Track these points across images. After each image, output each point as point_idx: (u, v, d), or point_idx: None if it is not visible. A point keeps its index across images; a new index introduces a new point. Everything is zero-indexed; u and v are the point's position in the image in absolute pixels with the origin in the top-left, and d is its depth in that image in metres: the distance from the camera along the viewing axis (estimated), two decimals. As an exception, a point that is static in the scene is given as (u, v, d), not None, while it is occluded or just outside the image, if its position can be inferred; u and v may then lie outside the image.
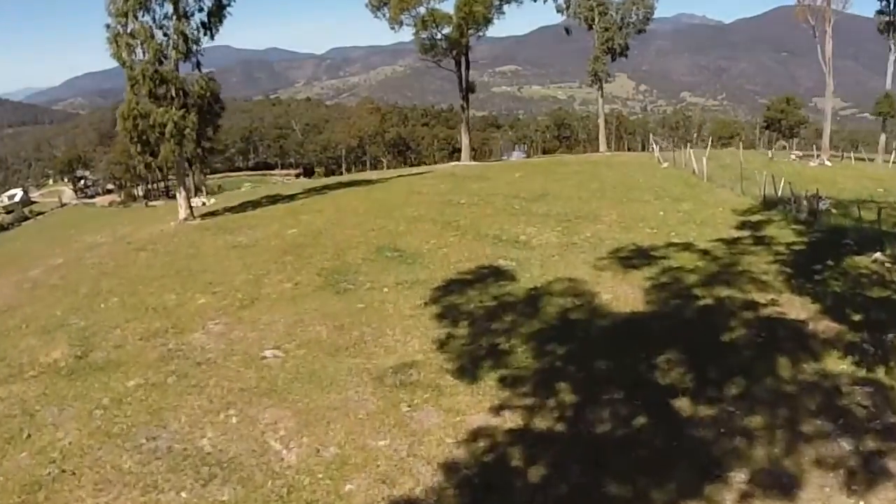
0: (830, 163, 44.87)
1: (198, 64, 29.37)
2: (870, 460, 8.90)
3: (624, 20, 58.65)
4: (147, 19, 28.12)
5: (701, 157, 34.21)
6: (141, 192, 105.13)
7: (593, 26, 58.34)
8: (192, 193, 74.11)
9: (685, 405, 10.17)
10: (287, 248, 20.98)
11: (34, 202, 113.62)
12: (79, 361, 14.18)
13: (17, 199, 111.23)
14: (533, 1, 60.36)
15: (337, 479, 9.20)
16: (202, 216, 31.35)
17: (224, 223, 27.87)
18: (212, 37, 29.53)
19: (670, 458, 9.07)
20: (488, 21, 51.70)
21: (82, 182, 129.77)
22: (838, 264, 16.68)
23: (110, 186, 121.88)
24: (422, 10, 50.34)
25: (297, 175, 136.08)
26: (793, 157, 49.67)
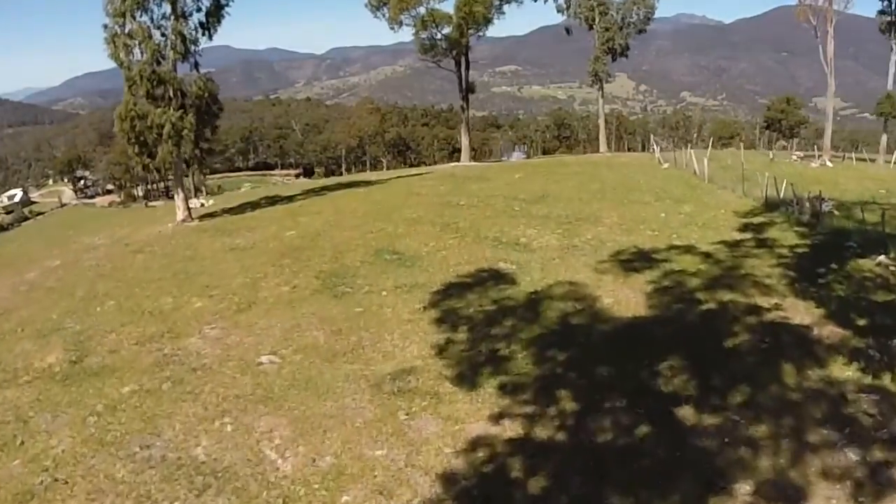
0: (832, 163, 44.64)
1: (196, 64, 29.17)
2: (877, 471, 8.73)
3: (624, 20, 58.47)
4: (145, 19, 27.95)
5: (702, 157, 33.98)
6: (141, 193, 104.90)
7: (594, 26, 58.16)
8: (192, 194, 74.32)
9: (689, 414, 9.98)
10: (285, 251, 20.80)
11: (34, 202, 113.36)
12: (73, 366, 14.08)
13: (16, 199, 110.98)
14: (533, 1, 60.27)
15: (333, 490, 9.03)
16: (200, 217, 31.18)
17: (222, 225, 27.70)
18: (210, 37, 29.38)
19: (673, 469, 8.89)
20: (488, 21, 51.59)
21: (82, 182, 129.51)
22: (842, 267, 16.51)
23: (110, 187, 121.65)
24: (421, 10, 50.29)
25: (297, 175, 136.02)
26: (794, 157, 49.47)
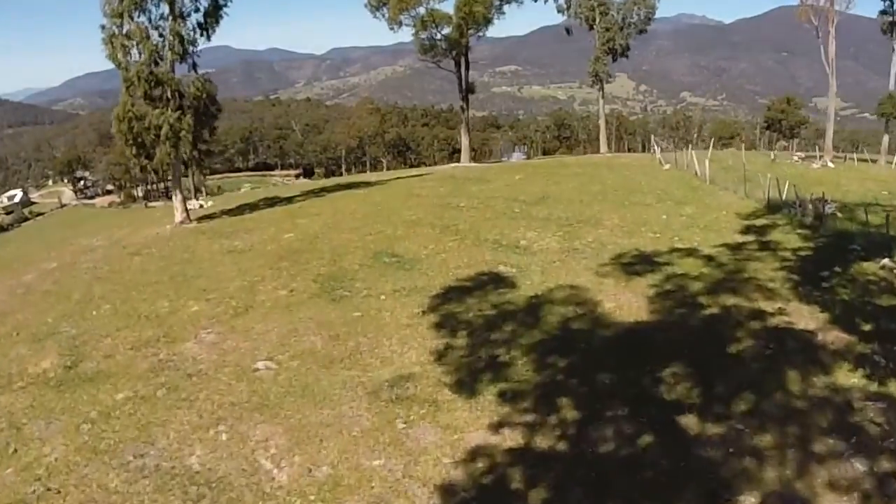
0: (833, 164, 44.45)
1: (194, 65, 28.93)
2: (885, 482, 8.54)
3: (625, 20, 58.23)
4: (143, 20, 27.63)
5: (703, 158, 33.77)
6: (140, 193, 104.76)
7: (594, 26, 57.94)
8: (192, 194, 74.19)
9: (692, 423, 9.79)
10: (283, 254, 20.60)
11: (34, 203, 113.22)
12: (68, 372, 13.93)
13: (16, 199, 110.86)
14: (533, 1, 60.06)
15: (329, 502, 8.85)
16: (199, 219, 30.98)
17: (220, 227, 27.51)
18: (208, 37, 29.11)
19: (677, 480, 8.70)
20: (488, 21, 51.40)
21: (82, 183, 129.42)
22: (846, 271, 16.31)
23: (110, 187, 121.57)
24: (421, 10, 50.10)
25: (297, 176, 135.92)
26: (795, 158, 49.29)
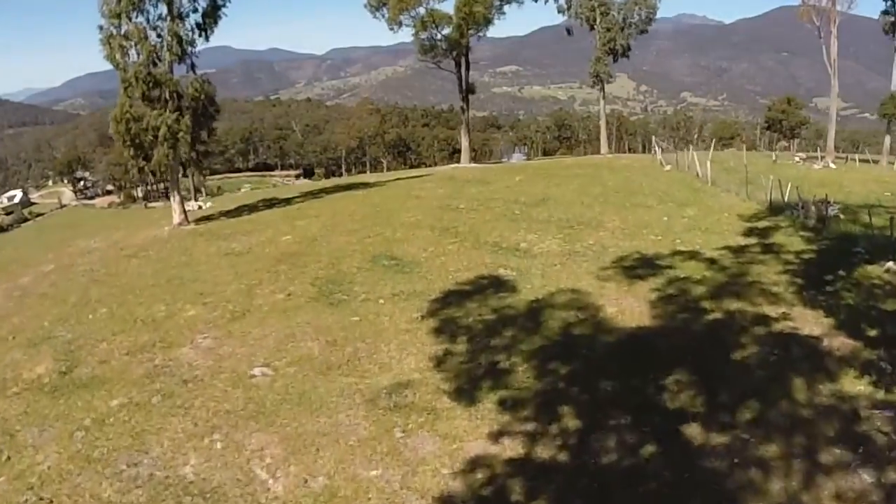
0: (835, 165, 44.22)
1: (192, 66, 28.74)
2: (893, 494, 8.36)
3: (626, 20, 57.94)
4: (141, 20, 27.43)
5: (704, 159, 33.53)
6: (140, 194, 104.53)
7: (595, 27, 57.69)
8: (192, 195, 74.01)
9: (696, 432, 9.59)
10: (281, 256, 20.41)
11: (34, 203, 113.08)
12: (63, 377, 13.79)
13: (16, 200, 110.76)
14: (534, 1, 59.71)
15: (325, 514, 8.67)
16: (197, 220, 30.80)
17: (218, 228, 27.32)
18: (206, 38, 28.90)
19: (681, 493, 8.51)
20: (488, 21, 51.18)
21: (82, 183, 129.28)
22: (850, 274, 16.09)
23: (110, 188, 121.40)
24: (421, 10, 49.89)
25: (297, 176, 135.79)
26: (797, 159, 49.01)
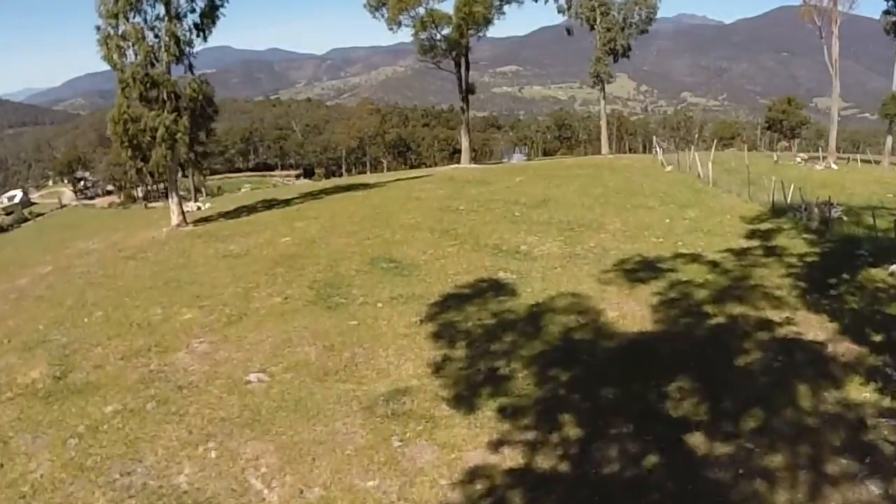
0: (837, 166, 44.00)
1: (190, 66, 28.56)
2: (902, 506, 8.16)
3: (626, 20, 57.80)
4: (138, 21, 27.24)
5: (706, 160, 33.32)
6: (140, 194, 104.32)
7: (595, 27, 57.53)
8: (192, 195, 73.88)
9: (699, 441, 9.38)
10: (279, 259, 20.23)
11: (34, 203, 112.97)
12: (57, 383, 13.62)
13: (16, 200, 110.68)
14: (534, 1, 59.54)
15: (321, 526, 8.48)
16: (195, 222, 30.62)
17: (216, 230, 27.14)
18: (204, 38, 28.71)
19: (685, 504, 8.31)
20: (488, 21, 51.00)
21: (82, 183, 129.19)
22: (854, 278, 15.90)
23: (110, 188, 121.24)
24: (421, 10, 49.71)
25: (298, 176, 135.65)
26: (798, 159, 48.76)
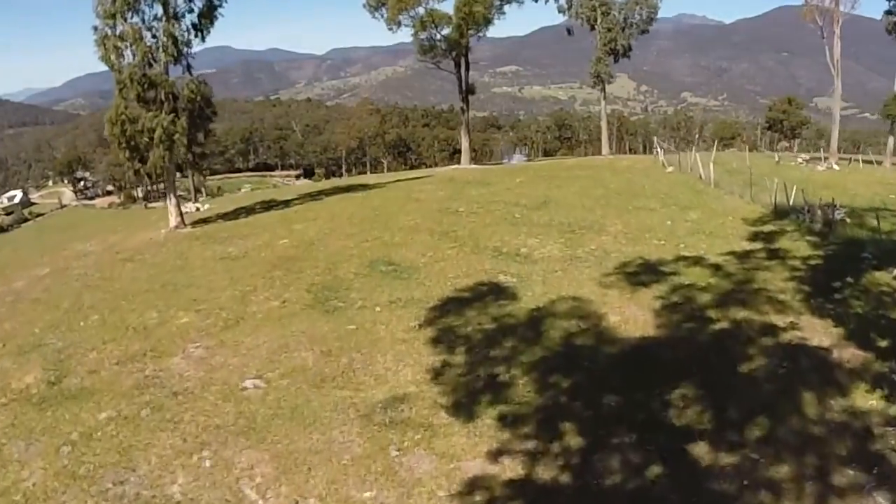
0: (838, 167, 43.77)
1: (188, 67, 28.36)
2: (911, 518, 7.97)
3: (627, 20, 57.53)
4: (136, 21, 27.04)
5: (707, 161, 33.09)
6: (140, 194, 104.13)
7: (595, 27, 57.28)
8: (192, 195, 73.76)
9: (703, 451, 9.19)
10: (277, 261, 20.04)
11: (34, 203, 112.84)
12: (51, 388, 13.48)
13: (16, 200, 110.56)
14: (534, 1, 59.25)
15: (316, 538, 8.29)
16: (194, 223, 30.43)
17: (215, 232, 26.95)
18: (203, 39, 28.50)
19: (689, 517, 8.12)
20: (488, 21, 50.72)
21: (82, 183, 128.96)
22: (858, 281, 15.71)
23: (110, 188, 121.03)
24: (420, 10, 49.43)
25: (298, 176, 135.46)
26: (800, 160, 48.51)
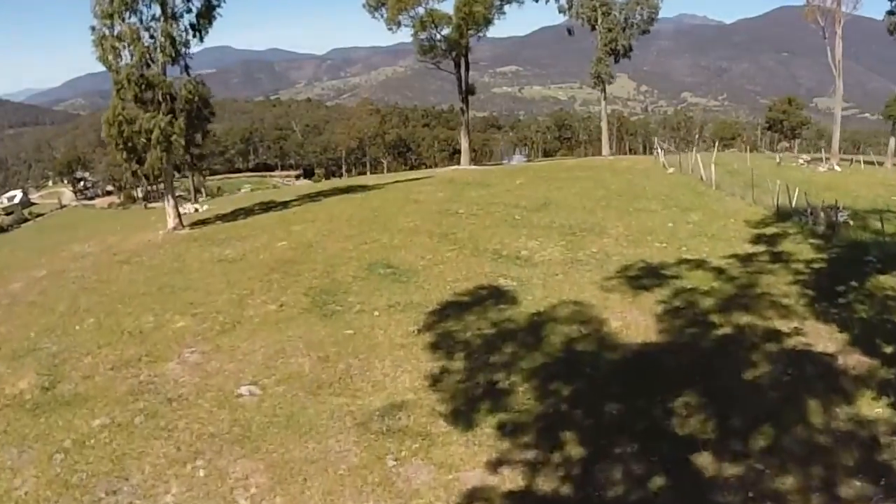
0: (840, 168, 43.55)
1: (186, 67, 28.19)
2: (921, 532, 7.78)
3: (627, 20, 57.34)
4: (134, 21, 26.88)
5: (708, 162, 32.89)
6: (140, 194, 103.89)
7: (596, 27, 57.09)
8: (192, 195, 73.57)
9: (707, 461, 9.00)
10: (275, 264, 19.85)
11: (34, 203, 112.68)
12: (45, 394, 13.31)
13: (16, 200, 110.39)
14: (535, 1, 59.06)
15: (311, 552, 8.10)
16: (192, 225, 30.24)
17: (213, 233, 26.76)
18: (201, 39, 28.30)
19: (693, 530, 7.93)
20: (488, 21, 50.54)
21: (82, 183, 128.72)
22: (862, 285, 15.51)
23: (110, 188, 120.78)
24: (420, 10, 49.25)
25: (298, 177, 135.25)
26: (801, 161, 48.30)
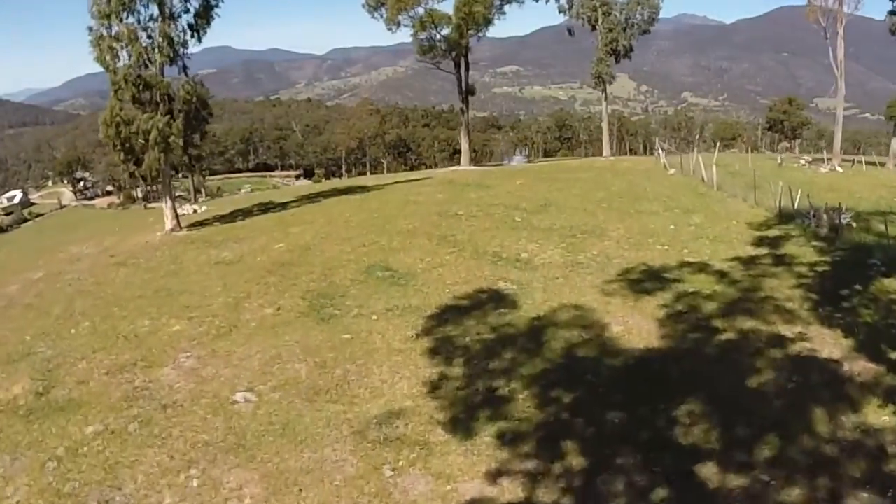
0: (842, 168, 43.34)
1: (184, 67, 28.01)
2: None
3: (628, 20, 57.14)
4: (131, 21, 26.71)
5: (709, 162, 32.69)
6: (140, 194, 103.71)
7: (596, 27, 56.90)
8: (192, 195, 73.42)
9: (711, 473, 8.81)
10: (272, 267, 19.65)
11: (34, 203, 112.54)
12: (39, 399, 13.17)
13: (16, 200, 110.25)
14: (535, 1, 58.88)
15: (306, 566, 7.91)
16: (190, 226, 30.04)
17: (210, 235, 26.57)
18: (199, 39, 28.13)
19: (697, 545, 7.74)
20: (488, 21, 50.33)
21: (82, 183, 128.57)
22: (867, 289, 15.32)
23: (110, 188, 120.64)
24: (420, 10, 49.05)
25: (297, 177, 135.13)
26: (802, 162, 48.07)
